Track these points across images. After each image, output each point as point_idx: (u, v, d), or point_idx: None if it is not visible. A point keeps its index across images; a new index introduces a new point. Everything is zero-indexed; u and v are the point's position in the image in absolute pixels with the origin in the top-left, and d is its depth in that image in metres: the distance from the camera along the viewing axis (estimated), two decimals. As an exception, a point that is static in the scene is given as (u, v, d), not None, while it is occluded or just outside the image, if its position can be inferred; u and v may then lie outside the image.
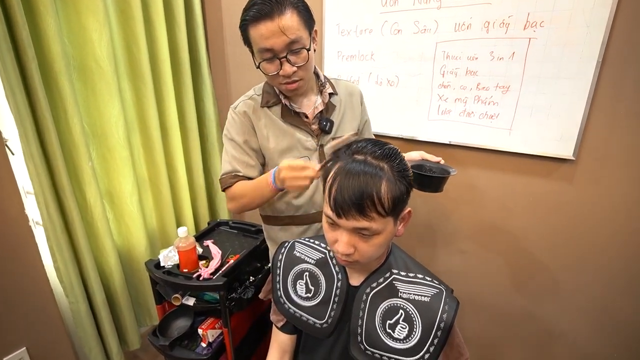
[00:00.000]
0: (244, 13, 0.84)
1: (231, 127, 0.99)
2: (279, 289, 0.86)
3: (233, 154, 0.97)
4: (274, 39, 0.81)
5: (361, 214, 0.61)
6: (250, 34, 0.84)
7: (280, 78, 0.89)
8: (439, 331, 0.69)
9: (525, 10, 1.04)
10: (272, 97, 0.99)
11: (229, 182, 0.96)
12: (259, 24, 0.81)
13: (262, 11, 0.80)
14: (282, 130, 0.98)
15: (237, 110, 0.99)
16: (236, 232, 1.40)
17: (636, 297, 1.10)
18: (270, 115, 0.99)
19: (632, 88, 0.96)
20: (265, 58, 0.86)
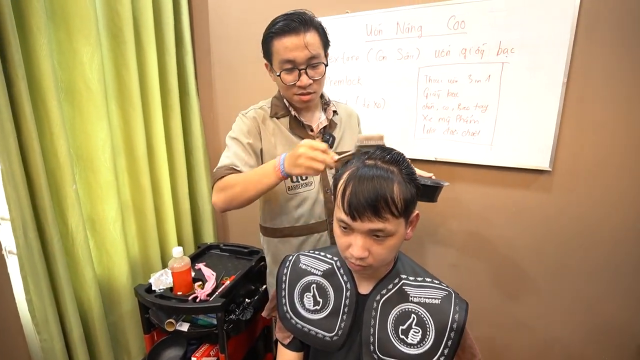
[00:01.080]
0: (270, 27, 0.92)
1: (238, 129, 1.01)
2: (285, 304, 0.84)
3: (235, 151, 0.98)
4: (297, 52, 0.89)
5: (376, 215, 0.62)
6: (274, 45, 0.91)
7: (296, 89, 0.94)
8: (452, 332, 0.70)
9: (497, 39, 1.17)
10: (281, 110, 1.04)
11: (223, 173, 0.93)
12: (285, 37, 0.89)
13: (290, 26, 0.89)
14: (289, 140, 1.02)
15: (247, 115, 1.03)
16: (228, 255, 1.36)
17: (617, 295, 1.17)
18: (279, 126, 1.03)
19: (594, 105, 1.09)
20: (286, 69, 0.92)
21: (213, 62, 1.76)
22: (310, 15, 0.91)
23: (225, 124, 1.81)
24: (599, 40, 1.05)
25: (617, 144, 1.09)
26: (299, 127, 1.04)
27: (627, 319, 1.17)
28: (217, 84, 1.79)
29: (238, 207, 0.95)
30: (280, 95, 1.05)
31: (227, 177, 0.92)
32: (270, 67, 0.99)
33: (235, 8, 1.62)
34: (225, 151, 1.01)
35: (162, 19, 1.50)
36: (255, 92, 1.67)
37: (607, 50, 1.04)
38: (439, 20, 1.23)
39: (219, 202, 0.93)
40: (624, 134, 1.07)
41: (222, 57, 1.73)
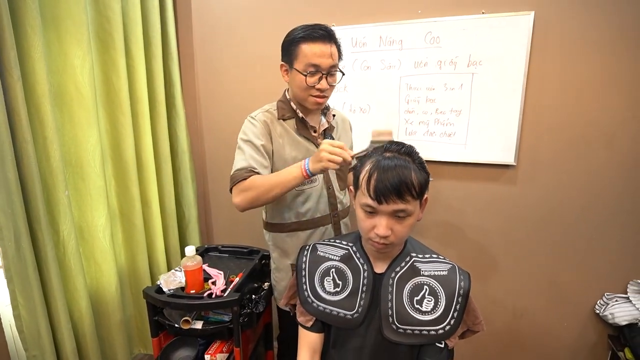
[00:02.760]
0: (298, 32, 1.01)
1: (250, 131, 1.07)
2: (306, 290, 0.91)
3: (250, 154, 1.05)
4: (323, 58, 1.01)
5: (400, 197, 0.73)
6: (302, 49, 1.01)
7: (314, 90, 1.04)
8: (460, 297, 0.82)
9: (467, 53, 1.35)
10: (287, 112, 1.12)
11: (243, 175, 1.01)
12: (314, 44, 1.00)
13: (319, 34, 1.00)
14: (296, 141, 1.11)
15: (257, 118, 1.09)
16: (227, 256, 1.38)
17: (572, 268, 1.39)
18: (286, 127, 1.11)
19: (548, 109, 1.31)
20: (309, 72, 1.01)
21: (197, 67, 1.79)
22: (332, 29, 1.03)
23: (209, 128, 1.83)
24: (549, 54, 1.27)
25: (567, 140, 1.31)
26: (304, 129, 1.12)
27: (581, 288, 1.39)
28: (201, 91, 1.81)
29: (260, 205, 1.06)
30: (287, 99, 1.13)
31: (251, 179, 1.00)
32: (289, 69, 1.06)
33: (218, 15, 1.67)
34: (239, 154, 1.07)
35: (149, 25, 1.51)
36: (239, 97, 1.73)
37: (557, 63, 1.27)
38: (418, 35, 1.40)
39: (242, 203, 1.02)
40: (573, 133, 1.30)
41: (206, 62, 1.76)
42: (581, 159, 1.30)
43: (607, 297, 1.35)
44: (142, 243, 1.55)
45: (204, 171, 1.91)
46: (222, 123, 1.80)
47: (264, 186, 0.99)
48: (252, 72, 1.69)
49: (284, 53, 1.07)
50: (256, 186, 0.99)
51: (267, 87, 1.67)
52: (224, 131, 1.81)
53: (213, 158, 1.88)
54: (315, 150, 1.10)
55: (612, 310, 1.30)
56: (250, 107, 1.70)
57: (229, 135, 1.79)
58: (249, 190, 1.00)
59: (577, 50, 1.24)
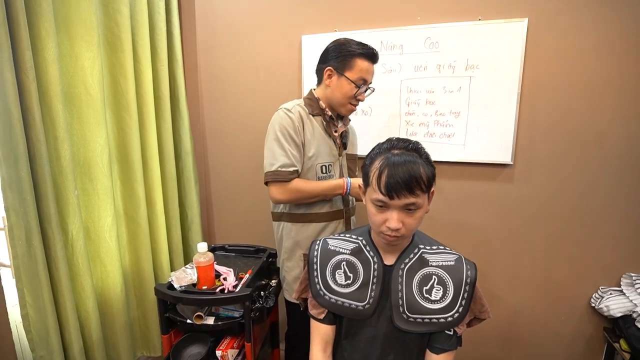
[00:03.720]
0: (359, 47, 1.14)
1: (288, 126, 1.13)
2: (318, 283, 0.94)
3: (291, 151, 1.12)
4: (370, 75, 1.18)
5: (410, 192, 0.77)
6: (358, 63, 1.14)
7: (354, 100, 1.17)
8: (467, 286, 0.86)
9: (465, 57, 1.41)
10: (316, 109, 1.20)
11: (288, 177, 1.11)
12: (369, 62, 1.16)
13: (373, 54, 1.16)
14: (322, 137, 1.19)
15: (294, 111, 1.16)
16: (234, 254, 1.40)
17: (567, 263, 1.44)
18: (314, 123, 1.19)
19: (541, 111, 1.37)
20: (358, 84, 1.15)
21: (200, 71, 1.82)
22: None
23: (211, 130, 1.86)
24: (542, 59, 1.33)
25: (560, 140, 1.37)
26: (330, 127, 1.21)
27: (577, 283, 1.45)
28: (204, 92, 1.84)
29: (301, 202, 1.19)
30: (314, 97, 1.21)
31: (297, 184, 1.12)
32: (339, 75, 1.15)
33: (222, 21, 1.71)
34: (280, 147, 1.12)
35: (156, 29, 1.54)
36: (241, 101, 1.77)
37: (550, 66, 1.33)
38: (417, 40, 1.46)
39: (284, 199, 1.15)
40: (565, 133, 1.36)
41: (209, 67, 1.80)
42: (574, 157, 1.37)
43: (602, 291, 1.41)
44: (147, 244, 1.56)
45: (207, 173, 1.93)
46: (224, 126, 1.83)
47: (309, 193, 1.14)
48: (255, 77, 1.73)
49: (335, 58, 1.16)
50: (302, 191, 1.13)
51: (270, 91, 1.71)
52: (226, 134, 1.84)
53: (215, 160, 1.91)
54: (335, 149, 1.22)
55: (607, 303, 1.36)
56: (253, 110, 1.76)
57: (231, 138, 1.83)
58: (295, 192, 1.14)
59: (569, 55, 1.31)
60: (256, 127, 1.76)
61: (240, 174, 1.85)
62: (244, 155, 1.82)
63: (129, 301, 1.51)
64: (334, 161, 1.22)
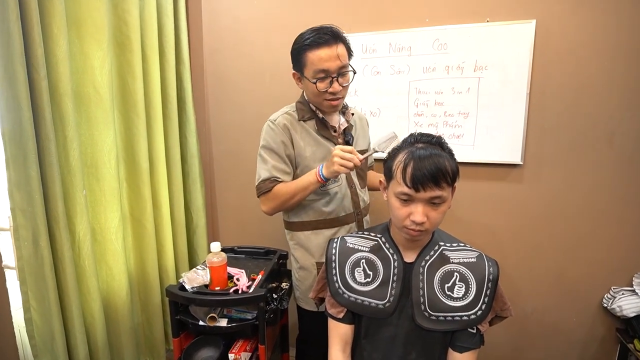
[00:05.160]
0: (302, 40, 1.03)
1: (271, 138, 1.09)
2: (337, 281, 0.92)
3: (272, 163, 1.08)
4: (330, 62, 1.01)
5: (436, 184, 0.76)
6: (308, 57, 1.02)
7: (327, 95, 1.06)
8: (489, 283, 0.85)
9: (473, 58, 1.42)
10: (307, 113, 1.14)
11: (268, 187, 1.08)
12: (319, 50, 1.01)
13: (323, 39, 1.01)
14: (317, 142, 1.13)
15: (277, 122, 1.11)
16: (244, 256, 1.38)
17: (579, 264, 1.44)
18: (307, 128, 1.13)
19: (550, 111, 1.38)
20: (319, 77, 1.03)
21: (206, 75, 1.82)
22: (338, 29, 1.04)
23: (217, 134, 1.85)
24: (551, 60, 1.35)
25: (570, 140, 1.38)
26: (324, 129, 1.15)
27: (588, 284, 1.44)
28: (209, 96, 1.83)
29: (288, 209, 1.14)
30: (305, 100, 1.16)
31: (274, 189, 1.07)
32: (301, 76, 1.09)
33: (228, 26, 1.72)
34: (262, 162, 1.10)
35: (164, 31, 1.54)
36: (247, 105, 1.76)
37: (558, 67, 1.35)
38: (426, 42, 1.47)
39: (269, 210, 1.11)
40: (575, 133, 1.37)
41: (215, 71, 1.79)
42: (583, 157, 1.37)
43: (614, 291, 1.40)
44: (152, 247, 1.53)
45: (212, 176, 1.91)
46: (230, 130, 1.82)
47: (287, 194, 1.07)
48: (261, 81, 1.73)
49: (294, 62, 1.09)
50: (279, 195, 1.08)
51: (275, 95, 1.70)
52: (231, 137, 1.83)
53: (221, 163, 1.89)
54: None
55: (620, 303, 1.35)
56: (259, 115, 1.75)
57: (237, 141, 1.82)
58: (274, 199, 1.09)
59: (577, 55, 1.32)
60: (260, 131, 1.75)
61: (245, 179, 1.83)
62: (248, 159, 1.80)
63: (134, 305, 1.47)
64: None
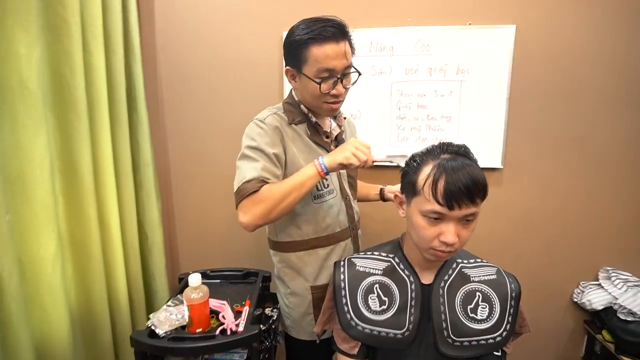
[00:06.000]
0: (306, 32, 0.87)
1: (260, 138, 0.93)
2: (348, 312, 0.81)
3: (263, 165, 0.90)
4: (337, 60, 0.88)
5: (471, 200, 0.68)
6: (312, 52, 0.87)
7: (328, 97, 0.92)
8: (512, 300, 0.80)
9: (456, 61, 1.40)
10: (298, 116, 1.00)
11: (255, 187, 0.87)
12: (326, 45, 0.87)
13: (328, 33, 0.86)
14: (310, 148, 1.00)
15: (268, 122, 0.95)
16: (220, 282, 1.18)
17: (552, 262, 1.50)
18: (299, 133, 0.99)
19: (529, 116, 1.41)
20: (323, 77, 0.89)
21: (160, 69, 1.57)
22: (344, 22, 0.91)
23: (174, 137, 1.61)
24: (529, 65, 1.38)
25: (546, 144, 1.43)
26: (317, 134, 1.02)
27: (560, 280, 1.51)
28: (164, 93, 1.59)
29: (275, 219, 0.91)
30: (295, 101, 1.02)
31: (263, 190, 0.87)
32: (297, 74, 0.94)
33: (186, 10, 1.50)
34: (248, 162, 0.92)
35: (110, 15, 1.27)
36: (210, 104, 1.56)
37: (536, 73, 1.38)
38: (408, 42, 1.41)
39: (253, 219, 0.87)
40: (550, 137, 1.42)
41: (170, 64, 1.56)
42: (558, 160, 1.43)
43: (583, 286, 1.48)
44: (100, 276, 1.26)
45: (169, 187, 1.66)
46: (189, 132, 1.60)
47: (278, 193, 0.86)
48: (226, 77, 1.54)
49: (289, 56, 0.94)
50: (269, 196, 0.86)
51: (243, 93, 1.53)
52: (191, 142, 1.61)
53: (179, 172, 1.65)
54: None
55: (589, 297, 1.43)
56: (223, 115, 1.56)
57: (198, 146, 1.60)
58: (262, 202, 0.86)
59: (552, 62, 1.37)
60: (228, 134, 1.57)
61: (209, 189, 1.62)
62: (212, 166, 1.60)
63: (77, 354, 1.20)
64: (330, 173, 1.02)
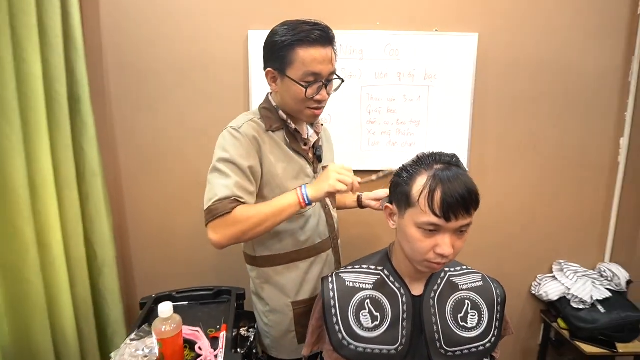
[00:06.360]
0: (292, 33, 0.83)
1: (234, 149, 0.86)
2: (340, 331, 0.77)
3: (236, 181, 0.84)
4: (323, 65, 0.85)
5: (467, 211, 0.68)
6: (299, 54, 0.83)
7: (311, 102, 0.88)
8: (499, 306, 0.81)
9: (423, 66, 1.42)
10: (276, 122, 0.94)
11: (228, 208, 0.82)
12: (313, 48, 0.83)
13: (315, 36, 0.82)
14: (288, 157, 0.94)
15: (243, 131, 0.88)
16: (188, 304, 1.07)
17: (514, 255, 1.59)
18: (276, 140, 0.93)
19: (491, 120, 1.48)
20: (309, 81, 0.85)
21: (107, 64, 1.39)
22: (330, 28, 0.88)
23: (125, 143, 1.44)
24: (490, 72, 1.44)
25: (506, 147, 1.51)
26: (295, 142, 0.97)
27: (519, 275, 1.61)
28: (112, 92, 1.42)
29: (247, 240, 0.90)
30: (272, 106, 0.96)
31: (237, 212, 0.82)
32: (279, 76, 0.89)
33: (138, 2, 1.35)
34: (220, 177, 0.85)
35: (45, 3, 1.10)
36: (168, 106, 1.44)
37: (495, 79, 1.45)
38: (377, 46, 1.40)
39: (223, 240, 0.83)
40: (510, 141, 1.50)
41: (119, 59, 1.39)
42: (517, 163, 1.52)
43: (539, 279, 1.59)
44: (40, 306, 1.10)
45: (121, 198, 1.49)
46: (143, 137, 1.44)
47: (254, 219, 0.83)
48: (187, 77, 1.41)
49: (271, 57, 0.89)
50: (244, 219, 0.82)
51: (207, 95, 1.43)
52: (145, 147, 1.45)
53: (132, 182, 1.48)
54: (307, 167, 0.98)
55: (545, 289, 1.54)
56: (184, 118, 1.44)
57: (153, 152, 1.46)
58: (234, 225, 0.82)
59: (510, 70, 1.45)
60: (188, 139, 1.45)
61: (167, 199, 1.48)
62: (172, 173, 1.47)
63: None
64: (309, 182, 0.98)
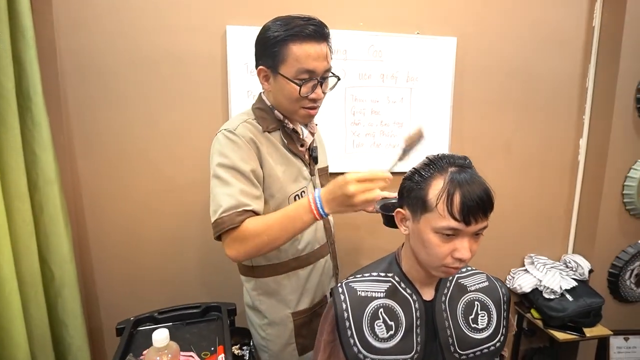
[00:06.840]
0: (284, 29, 0.78)
1: (233, 153, 0.79)
2: (355, 344, 0.73)
3: (240, 188, 0.78)
4: (318, 62, 0.81)
5: (485, 214, 0.67)
6: (293, 50, 0.78)
7: (306, 101, 0.84)
8: (505, 304, 0.83)
9: (405, 68, 1.43)
10: (272, 122, 0.89)
11: (236, 221, 0.75)
12: (308, 44, 0.79)
13: (311, 31, 0.79)
14: (286, 159, 0.90)
15: (239, 133, 0.81)
16: (172, 324, 0.96)
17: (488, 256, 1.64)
18: (274, 142, 0.88)
19: (468, 122, 1.53)
20: (303, 79, 0.80)
21: (61, 61, 1.23)
22: (324, 23, 0.84)
23: (83, 146, 1.28)
24: (467, 75, 1.49)
25: (481, 148, 1.57)
26: (292, 143, 0.92)
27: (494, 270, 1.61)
28: (69, 93, 1.25)
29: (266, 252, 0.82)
30: (267, 106, 0.90)
31: (246, 226, 0.76)
32: (272, 74, 0.83)
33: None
34: (222, 185, 0.78)
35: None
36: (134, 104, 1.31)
37: (472, 83, 1.50)
38: (361, 47, 1.39)
39: (240, 256, 0.78)
40: (485, 142, 1.57)
41: (75, 50, 1.23)
42: (490, 162, 1.59)
43: (513, 272, 1.68)
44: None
45: (80, 209, 1.32)
46: (105, 139, 1.29)
47: (265, 234, 0.76)
48: (155, 72, 1.29)
49: (263, 54, 0.84)
50: (255, 234, 0.76)
51: (177, 94, 1.32)
52: (108, 151, 1.30)
53: (93, 190, 1.32)
54: (304, 169, 0.94)
55: (519, 282, 1.62)
56: (153, 118, 1.32)
57: (117, 156, 1.32)
58: (247, 240, 0.77)
59: (486, 74, 1.51)
60: (158, 141, 1.33)
61: (135, 208, 1.35)
62: (138, 178, 1.33)
63: None
64: (307, 185, 0.95)
